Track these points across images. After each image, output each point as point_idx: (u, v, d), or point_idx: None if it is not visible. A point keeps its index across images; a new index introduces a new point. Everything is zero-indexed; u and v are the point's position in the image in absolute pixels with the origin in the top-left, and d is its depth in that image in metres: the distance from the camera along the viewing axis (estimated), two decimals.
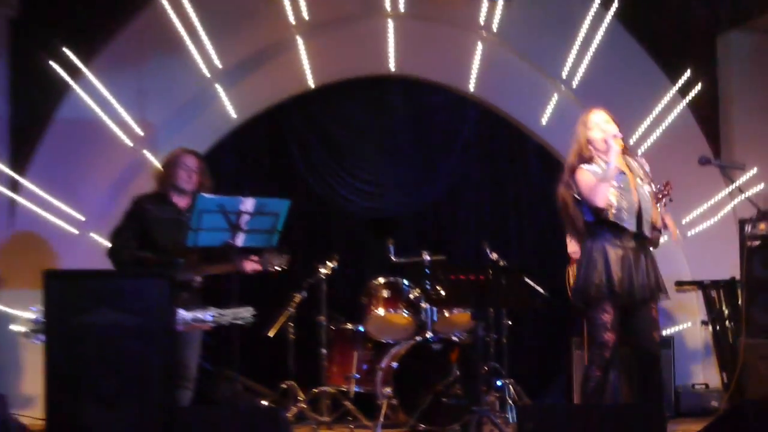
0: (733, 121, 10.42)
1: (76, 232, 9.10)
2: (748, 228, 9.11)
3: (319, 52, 9.81)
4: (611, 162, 6.33)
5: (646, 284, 6.42)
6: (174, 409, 4.99)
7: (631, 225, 6.41)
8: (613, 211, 6.37)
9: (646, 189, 6.52)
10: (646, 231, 6.47)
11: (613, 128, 6.48)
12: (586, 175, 6.44)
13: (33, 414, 6.38)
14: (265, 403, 8.37)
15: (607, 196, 6.29)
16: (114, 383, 4.83)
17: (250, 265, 7.27)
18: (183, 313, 6.61)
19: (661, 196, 6.44)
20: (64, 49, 9.06)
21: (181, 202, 7.20)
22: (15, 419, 6.02)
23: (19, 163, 9.06)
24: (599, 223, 6.43)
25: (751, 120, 10.36)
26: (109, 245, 7.33)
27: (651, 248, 6.58)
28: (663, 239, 6.81)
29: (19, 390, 8.09)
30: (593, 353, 6.56)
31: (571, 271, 8.00)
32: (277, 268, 7.46)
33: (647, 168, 6.64)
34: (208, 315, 7.00)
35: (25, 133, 9.15)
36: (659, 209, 6.48)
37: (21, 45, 9.11)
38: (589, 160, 6.53)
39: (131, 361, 4.88)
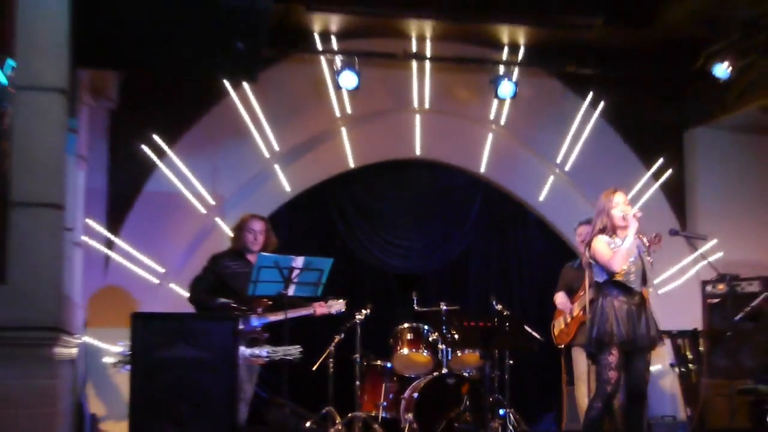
0: (697, 200, 10.36)
1: (157, 281, 9.11)
2: (708, 288, 9.07)
3: (358, 139, 9.86)
4: (630, 236, 6.40)
5: (646, 335, 6.51)
6: (236, 429, 4.94)
7: (636, 286, 6.49)
8: (624, 275, 6.45)
9: (648, 259, 6.60)
10: (642, 289, 6.59)
11: (632, 209, 6.60)
12: (602, 245, 6.50)
13: (120, 431, 6.35)
14: (308, 425, 8.29)
15: (623, 265, 6.36)
16: (187, 407, 4.81)
17: (320, 309, 7.48)
18: (243, 349, 6.59)
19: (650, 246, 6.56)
20: (153, 135, 9.16)
21: (252, 258, 7.22)
22: None
23: (113, 226, 9.09)
24: (610, 283, 6.46)
25: (712, 199, 10.31)
26: (188, 293, 7.50)
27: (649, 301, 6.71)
28: None
29: (109, 411, 8.05)
30: (598, 388, 6.56)
31: (556, 322, 7.96)
32: (339, 310, 7.65)
33: (647, 240, 6.62)
34: (264, 351, 6.99)
35: (119, 202, 9.19)
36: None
37: (118, 131, 9.17)
38: (604, 231, 6.58)
39: (201, 388, 4.87)
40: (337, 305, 7.72)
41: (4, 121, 4.79)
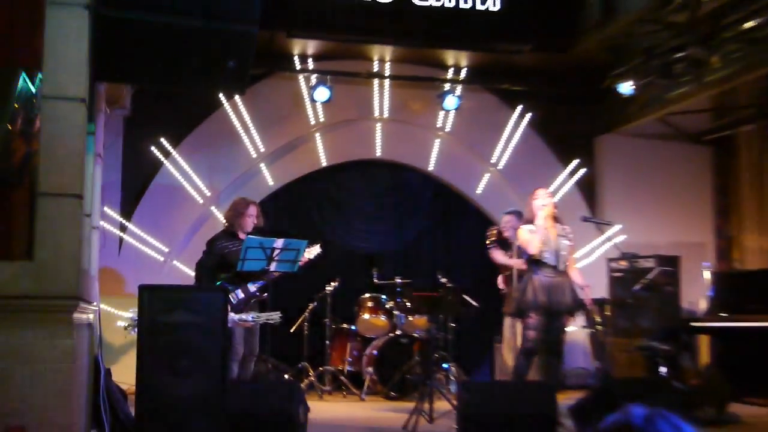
0: (605, 193, 10.44)
1: (162, 259, 9.07)
2: (613, 264, 9.18)
3: (329, 143, 9.84)
4: (539, 225, 6.73)
5: (563, 301, 6.65)
6: (226, 380, 4.92)
7: (551, 262, 6.65)
8: (540, 254, 6.63)
9: (566, 242, 6.77)
10: (561, 266, 6.71)
11: (541, 201, 6.80)
12: (523, 232, 6.81)
13: (129, 382, 6.30)
14: (287, 377, 8.28)
15: (536, 247, 6.61)
16: (184, 362, 4.77)
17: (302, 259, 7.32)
18: (232, 315, 6.56)
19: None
20: (160, 138, 9.11)
21: (244, 237, 7.15)
22: (117, 385, 5.91)
23: (127, 213, 9.08)
24: (531, 261, 6.60)
25: (616, 193, 10.40)
26: (195, 275, 7.53)
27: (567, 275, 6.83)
28: None
29: (122, 365, 7.99)
30: (523, 344, 6.71)
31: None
32: (317, 254, 7.55)
33: (569, 230, 6.91)
34: (250, 316, 6.97)
35: (131, 194, 9.18)
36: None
37: (131, 134, 9.12)
38: (531, 221, 6.82)
39: (196, 347, 4.83)
40: (315, 250, 7.56)
41: (35, 125, 4.74)
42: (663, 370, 7.92)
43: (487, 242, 7.51)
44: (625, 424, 1.67)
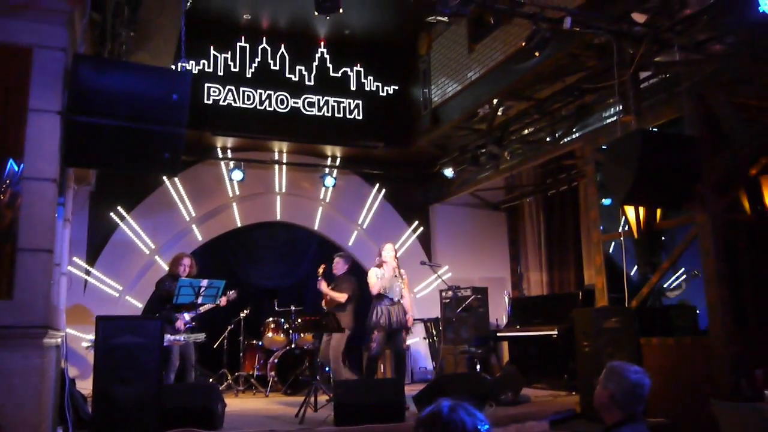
0: (437, 244, 10.62)
1: (117, 295, 8.68)
2: (443, 293, 9.30)
3: (243, 210, 9.71)
4: (386, 272, 6.72)
5: (398, 321, 6.60)
6: (161, 386, 4.74)
7: (393, 296, 6.65)
8: (384, 290, 6.64)
9: (400, 282, 6.77)
10: (396, 298, 6.71)
11: (391, 255, 6.82)
12: (372, 275, 6.77)
13: (88, 387, 5.99)
14: (210, 380, 8.01)
15: (378, 289, 6.66)
16: (130, 372, 4.58)
17: (223, 300, 7.29)
18: (167, 336, 6.35)
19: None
20: (117, 206, 8.79)
21: None
22: (80, 392, 5.60)
23: (91, 261, 8.66)
24: (377, 295, 6.57)
25: (444, 244, 10.59)
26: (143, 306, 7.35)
27: (402, 304, 6.80)
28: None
29: (83, 376, 7.58)
30: (370, 353, 6.66)
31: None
32: (233, 297, 7.51)
33: (404, 272, 6.90)
34: (181, 337, 6.76)
35: (95, 247, 8.78)
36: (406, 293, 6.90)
37: (95, 204, 8.78)
38: (380, 266, 6.77)
39: (139, 361, 4.64)
40: (231, 295, 7.49)
41: (18, 198, 4.54)
42: (478, 367, 8.09)
43: (318, 275, 7.45)
44: (436, 413, 1.72)
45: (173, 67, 6.89)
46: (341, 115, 9.36)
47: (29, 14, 4.11)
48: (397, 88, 9.77)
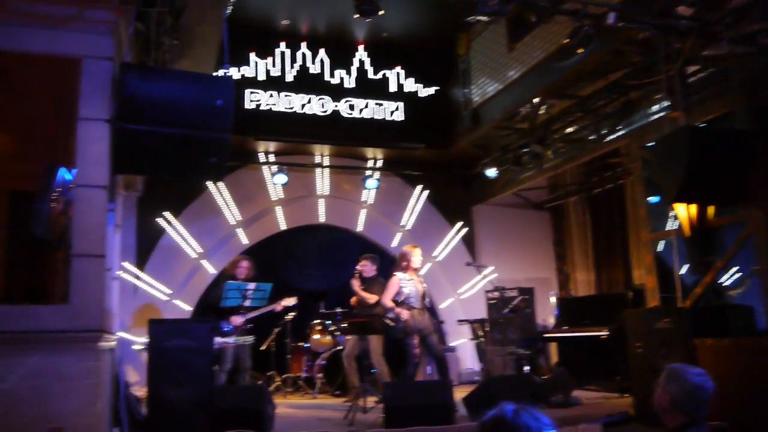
0: (480, 245, 10.53)
1: (166, 299, 8.82)
2: (489, 294, 9.20)
3: (286, 213, 9.77)
4: (412, 278, 6.61)
5: (428, 326, 6.46)
6: (212, 387, 4.78)
7: (415, 304, 6.48)
8: (405, 298, 6.50)
9: (421, 288, 6.61)
10: (420, 306, 6.54)
11: (417, 259, 6.68)
12: (392, 284, 6.61)
13: (143, 390, 6.08)
14: (259, 382, 8.06)
15: (388, 301, 6.51)
16: (182, 374, 4.64)
17: (278, 307, 7.36)
18: (217, 339, 6.41)
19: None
20: (164, 212, 8.94)
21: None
22: (133, 394, 5.68)
23: (140, 266, 8.81)
24: (401, 302, 6.48)
25: (488, 245, 10.50)
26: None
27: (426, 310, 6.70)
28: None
29: (138, 378, 7.71)
30: (411, 358, 6.53)
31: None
32: (292, 303, 7.55)
33: (423, 281, 6.77)
34: (231, 339, 6.81)
35: (144, 252, 8.91)
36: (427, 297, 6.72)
37: (143, 210, 8.91)
38: (404, 269, 6.62)
39: (190, 363, 4.69)
40: (290, 300, 7.52)
41: (71, 206, 4.64)
42: (526, 368, 7.97)
43: (354, 272, 7.45)
44: (500, 417, 1.65)
45: (215, 73, 6.98)
46: (381, 118, 9.35)
47: (77, 26, 4.21)
48: (437, 89, 9.71)
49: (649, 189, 6.66)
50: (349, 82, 9.31)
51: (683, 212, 6.34)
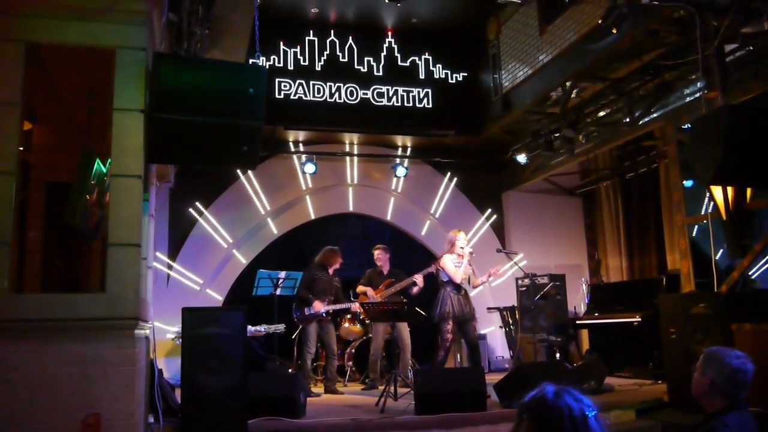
0: (511, 232, 10.47)
1: (198, 288, 8.93)
2: (519, 281, 9.17)
3: (316, 202, 9.80)
4: (464, 263, 6.70)
5: (468, 311, 6.55)
6: (245, 374, 4.83)
7: (465, 286, 6.59)
8: (460, 280, 6.61)
9: (470, 270, 6.78)
10: (464, 288, 6.71)
11: (461, 244, 6.81)
12: (449, 262, 6.74)
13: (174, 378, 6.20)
14: (290, 370, 8.13)
15: (461, 277, 6.65)
16: (215, 363, 4.70)
17: (355, 306, 7.73)
18: (249, 327, 6.48)
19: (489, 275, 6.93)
20: (196, 202, 9.03)
21: (330, 270, 7.66)
22: (167, 381, 5.79)
23: (172, 256, 8.92)
24: (449, 283, 6.52)
25: (519, 231, 10.43)
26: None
27: (467, 293, 6.87)
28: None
29: (171, 366, 7.84)
30: (442, 343, 6.61)
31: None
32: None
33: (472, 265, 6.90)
34: (262, 328, 6.89)
35: (176, 242, 9.02)
36: (476, 279, 6.91)
37: (175, 200, 9.04)
38: (451, 252, 6.70)
39: (224, 351, 4.75)
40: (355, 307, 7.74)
41: (106, 196, 4.71)
42: (557, 355, 7.94)
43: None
44: (541, 398, 1.64)
45: (247, 62, 7.02)
46: (411, 105, 9.32)
47: (111, 16, 4.25)
48: (466, 74, 9.66)
49: (684, 172, 6.54)
50: (378, 70, 9.30)
51: (720, 195, 6.22)
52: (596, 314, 8.46)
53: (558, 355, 7.88)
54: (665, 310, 5.70)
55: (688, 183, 6.94)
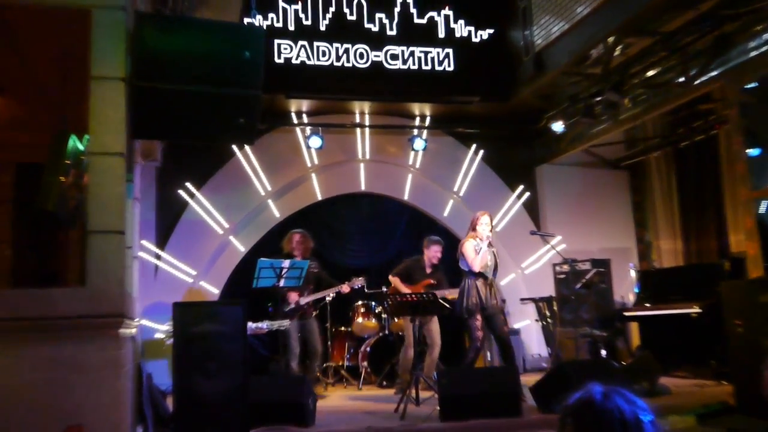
0: (546, 211, 10.40)
1: (191, 280, 8.95)
2: (557, 268, 9.13)
3: (323, 181, 9.76)
4: (483, 249, 6.66)
5: (495, 304, 6.60)
6: (246, 377, 4.84)
7: (489, 275, 6.62)
8: (484, 268, 6.63)
9: (493, 259, 6.75)
10: (490, 277, 6.72)
11: (488, 229, 6.77)
12: (469, 248, 6.74)
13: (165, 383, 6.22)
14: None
15: (481, 265, 6.62)
16: (212, 365, 4.71)
17: (345, 288, 7.74)
18: (249, 324, 6.50)
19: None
20: (186, 183, 9.03)
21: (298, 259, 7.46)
22: (158, 387, 5.81)
23: (161, 244, 8.94)
24: (472, 272, 6.49)
25: (555, 211, 10.36)
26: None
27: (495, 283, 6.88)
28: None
29: (161, 370, 7.88)
30: (472, 341, 6.61)
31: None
32: (360, 284, 7.90)
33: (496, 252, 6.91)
34: (264, 324, 6.91)
35: (164, 229, 9.03)
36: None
37: (162, 181, 9.03)
38: (473, 236, 6.74)
39: (222, 351, 4.76)
40: (358, 281, 7.80)
41: (84, 177, 4.71)
42: (603, 352, 7.91)
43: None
44: (587, 400, 1.61)
45: (241, 22, 6.97)
46: (429, 68, 9.21)
47: None
48: (492, 32, 9.52)
49: (749, 139, 6.45)
50: (391, 29, 9.19)
51: None
52: (647, 305, 8.42)
53: (603, 352, 7.84)
54: (729, 299, 5.65)
55: (753, 152, 6.86)
